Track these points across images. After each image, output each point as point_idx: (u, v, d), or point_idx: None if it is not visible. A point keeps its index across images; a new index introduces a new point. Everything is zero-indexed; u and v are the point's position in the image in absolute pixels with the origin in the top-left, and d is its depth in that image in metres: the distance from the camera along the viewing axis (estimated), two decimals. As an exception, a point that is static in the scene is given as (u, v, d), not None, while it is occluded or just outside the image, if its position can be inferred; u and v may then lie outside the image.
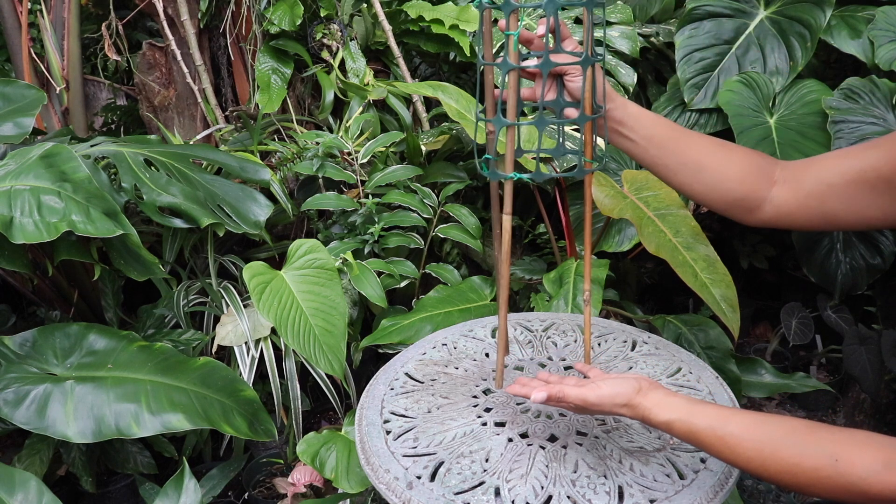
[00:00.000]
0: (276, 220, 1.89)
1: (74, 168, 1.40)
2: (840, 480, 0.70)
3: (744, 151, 0.95)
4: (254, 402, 1.43)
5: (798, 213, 0.92)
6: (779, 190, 0.92)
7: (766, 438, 0.75)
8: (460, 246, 1.87)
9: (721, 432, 0.76)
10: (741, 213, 0.95)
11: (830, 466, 0.71)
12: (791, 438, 0.74)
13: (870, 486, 0.69)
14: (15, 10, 2.14)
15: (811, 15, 1.76)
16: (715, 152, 0.93)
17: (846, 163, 0.88)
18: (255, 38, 2.09)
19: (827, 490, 0.72)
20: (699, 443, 0.78)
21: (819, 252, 1.96)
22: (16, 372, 1.33)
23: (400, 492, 0.83)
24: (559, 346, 1.14)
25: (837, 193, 0.88)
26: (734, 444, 0.76)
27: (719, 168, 0.93)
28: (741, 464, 0.76)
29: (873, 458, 0.70)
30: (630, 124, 0.92)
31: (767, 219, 0.94)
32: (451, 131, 1.90)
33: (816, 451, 0.72)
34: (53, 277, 1.71)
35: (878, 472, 0.69)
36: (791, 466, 0.73)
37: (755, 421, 0.76)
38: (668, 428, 0.79)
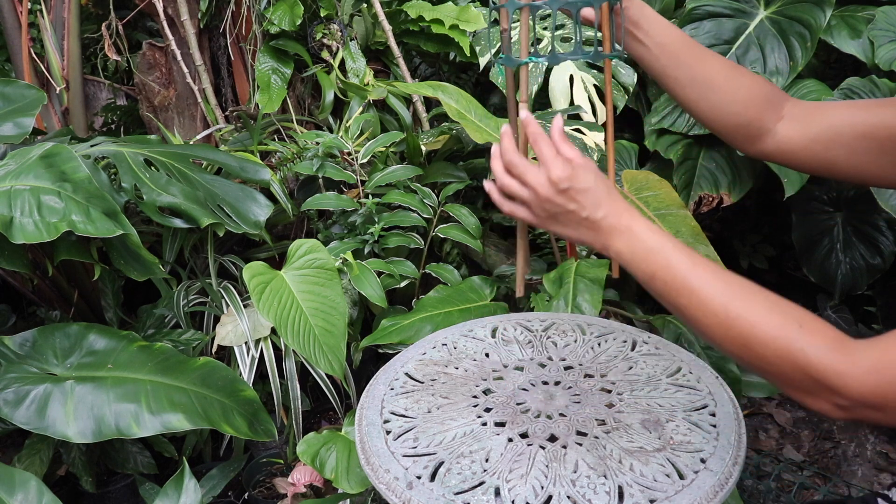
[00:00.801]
0: (276, 220, 1.89)
1: (74, 168, 1.40)
2: (795, 345, 0.69)
3: (755, 78, 0.93)
4: (254, 402, 1.43)
5: (800, 153, 0.91)
6: (785, 126, 0.91)
7: (739, 283, 0.74)
8: (460, 246, 1.87)
9: (695, 257, 0.75)
10: (742, 140, 0.94)
11: (793, 329, 0.70)
12: (765, 294, 0.73)
13: (817, 363, 0.68)
14: (15, 10, 2.14)
15: (811, 15, 1.76)
16: (727, 72, 0.92)
17: (859, 115, 0.87)
18: (255, 38, 2.09)
19: (775, 353, 0.70)
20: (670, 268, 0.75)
21: (819, 252, 1.96)
22: (16, 372, 1.33)
23: (400, 492, 0.83)
24: (559, 346, 1.14)
25: (844, 143, 0.87)
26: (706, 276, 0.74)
27: (729, 88, 0.91)
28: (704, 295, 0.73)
29: (831, 338, 0.69)
30: (645, 27, 0.90)
31: (768, 152, 0.93)
32: (451, 131, 1.90)
33: (785, 312, 0.71)
34: (53, 277, 1.71)
35: (830, 351, 0.68)
36: (754, 316, 0.71)
37: (729, 271, 0.75)
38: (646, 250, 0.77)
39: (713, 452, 0.87)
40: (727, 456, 0.87)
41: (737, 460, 0.87)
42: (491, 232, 2.00)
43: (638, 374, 1.05)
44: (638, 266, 0.78)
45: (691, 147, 1.89)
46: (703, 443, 0.89)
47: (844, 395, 0.67)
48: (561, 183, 0.80)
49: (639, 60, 0.93)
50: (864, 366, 0.67)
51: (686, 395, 0.99)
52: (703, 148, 1.89)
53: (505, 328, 1.19)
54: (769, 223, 2.39)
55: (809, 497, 1.74)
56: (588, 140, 1.75)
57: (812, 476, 1.83)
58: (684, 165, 1.84)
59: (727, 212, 2.16)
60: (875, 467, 1.89)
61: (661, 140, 1.90)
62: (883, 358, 0.67)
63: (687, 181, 1.82)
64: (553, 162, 0.81)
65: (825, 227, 1.99)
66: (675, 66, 0.91)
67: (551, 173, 0.81)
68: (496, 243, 1.96)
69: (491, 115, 1.79)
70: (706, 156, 1.87)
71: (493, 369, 1.07)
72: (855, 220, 1.97)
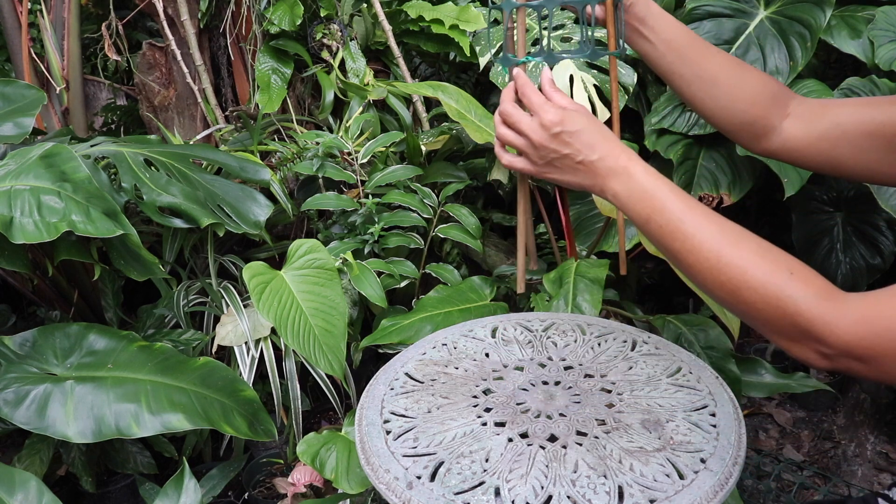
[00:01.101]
0: (276, 220, 1.89)
1: (74, 168, 1.40)
2: (784, 291, 0.69)
3: (761, 75, 0.93)
4: (254, 402, 1.43)
5: (806, 151, 0.90)
6: (791, 123, 0.91)
7: (734, 229, 0.74)
8: (460, 246, 1.87)
9: (691, 201, 0.75)
10: (748, 138, 0.93)
11: (783, 276, 0.69)
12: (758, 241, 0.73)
13: (805, 310, 0.68)
14: (15, 10, 2.14)
15: (811, 15, 1.76)
16: (732, 70, 0.91)
17: (866, 113, 0.86)
18: (255, 38, 2.09)
19: (763, 298, 0.70)
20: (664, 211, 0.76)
21: (819, 252, 1.96)
22: (16, 372, 1.33)
23: (400, 492, 0.83)
24: (559, 345, 1.14)
25: (851, 141, 0.86)
26: (699, 221, 0.74)
27: (734, 86, 0.91)
28: (697, 240, 0.73)
29: (820, 287, 0.69)
30: (651, 24, 0.90)
31: (774, 149, 0.92)
32: (451, 131, 1.90)
33: (776, 259, 0.71)
34: (53, 277, 1.71)
35: (818, 301, 0.68)
36: (745, 262, 0.71)
37: (723, 217, 0.75)
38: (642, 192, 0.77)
39: (713, 452, 0.87)
40: (727, 456, 0.87)
41: (737, 460, 0.87)
42: (491, 232, 2.00)
43: (638, 374, 1.05)
44: (633, 208, 0.78)
45: (691, 147, 1.89)
46: (703, 443, 0.89)
47: (830, 344, 0.67)
48: (553, 127, 0.80)
49: (644, 57, 0.93)
50: (852, 316, 0.66)
51: (686, 395, 0.99)
52: (703, 148, 1.89)
53: (505, 328, 1.19)
54: (769, 223, 2.39)
55: (809, 497, 1.74)
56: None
57: (812, 476, 1.83)
58: (684, 165, 1.84)
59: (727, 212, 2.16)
60: (875, 467, 1.89)
61: (661, 140, 1.90)
62: (872, 309, 0.66)
63: (687, 181, 1.82)
64: (543, 107, 0.81)
65: (825, 227, 1.99)
66: (680, 62, 0.91)
67: (542, 118, 0.81)
68: (496, 243, 1.96)
69: (491, 115, 1.79)
70: (706, 156, 1.87)
71: (493, 369, 1.07)
72: (855, 220, 1.97)
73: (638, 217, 0.78)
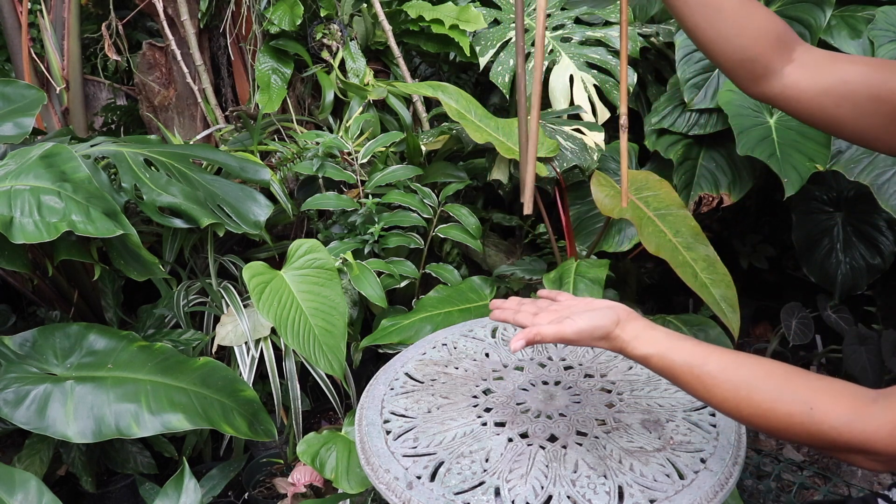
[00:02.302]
0: (276, 220, 1.89)
1: (74, 168, 1.40)
2: (812, 428, 0.70)
3: (768, 14, 0.89)
4: (254, 402, 1.43)
5: (807, 103, 0.86)
6: (794, 70, 0.87)
7: (741, 381, 0.74)
8: (460, 246, 1.87)
9: (698, 371, 0.76)
10: (746, 77, 0.89)
11: (805, 413, 0.71)
12: (767, 382, 0.74)
13: (839, 435, 0.69)
14: (15, 10, 2.14)
15: (811, 15, 1.76)
16: (738, 1, 0.87)
17: (878, 75, 0.82)
18: (255, 38, 2.09)
19: (798, 435, 0.72)
20: (675, 379, 0.78)
21: (819, 252, 1.96)
22: (16, 372, 1.33)
23: (400, 492, 0.83)
24: (559, 346, 1.14)
25: (855, 102, 0.83)
26: (710, 384, 0.75)
27: (739, 18, 0.86)
28: (716, 403, 0.76)
29: (846, 407, 0.70)
30: None
31: (772, 95, 0.88)
32: (451, 131, 1.90)
33: (792, 398, 0.72)
34: (53, 277, 1.71)
35: (850, 422, 0.69)
36: (765, 410, 0.73)
37: (733, 362, 0.76)
38: (645, 361, 0.79)
39: (713, 452, 0.87)
40: (727, 456, 0.87)
41: (737, 460, 0.87)
42: (491, 232, 2.00)
43: (638, 374, 1.05)
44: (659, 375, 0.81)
45: (691, 147, 1.89)
46: (703, 443, 0.89)
47: (877, 456, 0.69)
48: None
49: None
50: (886, 427, 0.68)
51: (686, 395, 0.99)
52: (703, 148, 1.89)
53: (505, 328, 1.19)
54: (769, 223, 2.38)
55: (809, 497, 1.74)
56: (588, 140, 1.75)
57: (812, 476, 1.83)
58: (684, 165, 1.84)
59: (727, 212, 2.16)
60: (875, 467, 1.89)
61: (661, 140, 1.90)
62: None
63: (687, 181, 1.82)
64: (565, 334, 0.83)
65: (825, 227, 1.99)
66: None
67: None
68: (496, 243, 1.96)
69: (491, 115, 1.79)
70: (706, 156, 1.87)
71: (493, 369, 1.07)
72: (855, 220, 1.97)
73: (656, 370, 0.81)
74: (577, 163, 1.70)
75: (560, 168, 1.69)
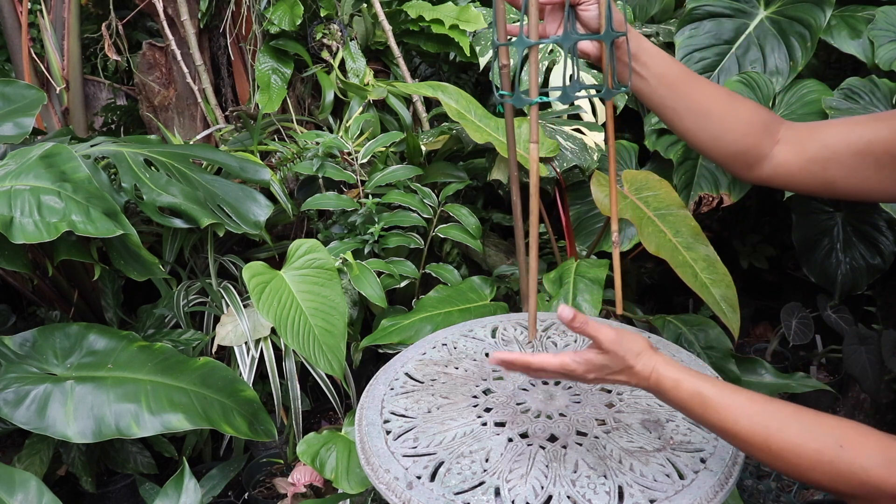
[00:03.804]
0: (276, 220, 1.89)
1: (74, 168, 1.40)
2: (841, 467, 0.70)
3: (751, 105, 0.94)
4: (254, 402, 1.43)
5: (798, 175, 0.91)
6: (781, 149, 0.91)
7: (772, 414, 0.74)
8: (460, 246, 1.87)
9: (729, 400, 0.76)
10: (741, 167, 0.94)
11: (834, 452, 0.70)
12: (797, 418, 0.74)
13: (870, 478, 0.69)
14: (15, 10, 2.14)
15: (811, 15, 1.76)
16: (723, 101, 0.92)
17: (854, 132, 0.87)
18: (255, 38, 2.09)
19: (826, 475, 0.71)
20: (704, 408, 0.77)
21: (819, 252, 1.96)
22: (16, 372, 1.33)
23: (400, 492, 0.83)
24: (559, 346, 1.14)
25: (841, 161, 0.87)
26: (739, 414, 0.75)
27: (725, 118, 0.91)
28: (743, 436, 0.75)
29: (877, 450, 0.70)
30: (643, 59, 0.90)
31: (766, 177, 0.93)
32: (451, 131, 1.90)
33: (822, 436, 0.72)
34: (53, 277, 1.71)
35: (881, 466, 0.69)
36: (794, 446, 0.72)
37: (762, 398, 0.76)
38: (675, 384, 0.78)
39: (713, 452, 0.87)
40: (727, 456, 0.87)
41: (737, 460, 0.87)
42: (491, 232, 2.00)
43: (638, 374, 1.04)
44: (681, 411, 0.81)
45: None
46: (703, 443, 0.89)
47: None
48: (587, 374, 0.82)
49: (636, 92, 0.94)
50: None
51: (686, 395, 0.99)
52: (703, 148, 1.89)
53: (505, 328, 1.19)
54: (769, 223, 2.38)
55: (809, 497, 1.74)
56: (588, 140, 1.75)
57: (812, 476, 1.82)
58: (684, 165, 1.84)
59: (727, 212, 2.16)
60: (875, 467, 1.89)
61: (661, 140, 1.90)
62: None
63: (687, 181, 1.82)
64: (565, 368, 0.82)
65: (825, 227, 1.99)
66: (672, 97, 0.92)
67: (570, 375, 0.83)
68: (496, 243, 1.96)
69: (491, 115, 1.79)
70: (706, 156, 1.87)
71: (493, 369, 1.07)
72: (855, 220, 1.97)
73: (688, 415, 0.80)
74: (577, 163, 1.70)
75: (560, 168, 1.69)
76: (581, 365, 0.80)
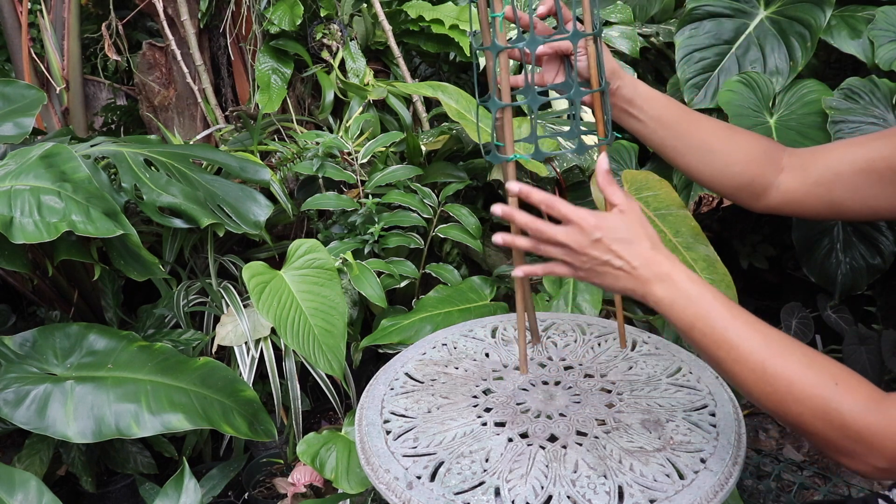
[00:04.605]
0: (276, 220, 1.89)
1: (74, 168, 1.40)
2: (831, 405, 0.69)
3: (751, 136, 0.94)
4: (254, 402, 1.43)
5: (805, 200, 0.91)
6: (786, 177, 0.92)
7: (775, 340, 0.73)
8: (460, 246, 1.87)
9: (736, 308, 0.74)
10: (748, 198, 0.95)
11: (829, 387, 0.70)
12: (800, 349, 0.73)
13: (854, 421, 0.68)
14: (15, 10, 2.14)
15: (811, 15, 1.76)
16: (723, 136, 0.93)
17: (855, 152, 0.88)
18: (255, 38, 2.09)
19: (812, 410, 0.70)
20: (709, 313, 0.75)
21: (819, 252, 1.96)
22: (16, 372, 1.33)
23: (400, 492, 0.83)
24: (559, 346, 1.14)
25: (845, 182, 0.88)
26: (742, 331, 0.73)
27: (727, 152, 0.92)
28: (738, 354, 0.73)
29: (864, 395, 0.69)
30: (639, 104, 0.91)
31: (774, 205, 0.94)
32: (451, 131, 1.90)
33: (821, 369, 0.71)
34: (53, 277, 1.71)
35: (862, 412, 0.68)
36: (792, 374, 0.71)
37: (765, 324, 0.75)
38: (686, 279, 0.76)
39: (713, 452, 0.87)
40: (727, 456, 0.87)
41: (737, 460, 0.87)
42: (491, 232, 2.00)
43: (638, 374, 1.05)
44: (677, 315, 0.78)
45: (691, 147, 1.89)
46: (703, 443, 0.89)
47: (882, 456, 0.67)
48: (594, 232, 0.79)
49: (636, 134, 0.94)
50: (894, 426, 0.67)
51: (686, 395, 0.99)
52: (703, 148, 1.89)
53: (505, 328, 1.19)
54: (769, 223, 2.38)
55: (809, 497, 1.74)
56: (588, 140, 1.75)
57: (812, 476, 1.83)
58: (684, 165, 1.84)
59: (727, 212, 2.16)
60: (875, 467, 1.89)
61: (661, 140, 1.90)
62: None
63: (687, 181, 1.82)
64: (578, 215, 0.80)
65: (825, 227, 1.99)
66: (672, 136, 0.92)
67: (581, 225, 0.80)
68: (496, 243, 1.96)
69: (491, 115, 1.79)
70: (706, 156, 1.87)
71: (493, 369, 1.07)
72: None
73: (681, 323, 0.77)
74: (577, 163, 1.70)
75: (560, 168, 1.69)
76: (594, 216, 0.78)
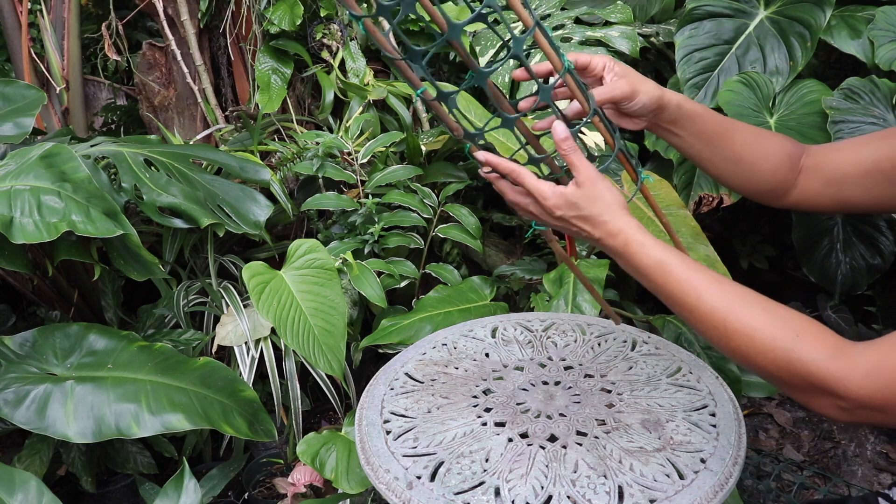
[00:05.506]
0: (276, 220, 1.89)
1: (74, 168, 1.40)
2: (793, 356, 0.71)
3: (779, 143, 0.99)
4: (254, 402, 1.43)
5: (819, 198, 0.97)
6: (803, 178, 0.97)
7: (736, 295, 0.76)
8: (460, 246, 1.87)
9: (691, 274, 0.77)
10: (770, 199, 1.00)
11: (789, 340, 0.72)
12: (760, 304, 0.75)
13: (817, 370, 0.70)
14: (15, 10, 2.14)
15: (811, 15, 1.76)
16: (753, 146, 0.97)
17: (862, 152, 0.92)
18: (255, 38, 2.08)
19: (774, 363, 0.72)
20: (665, 278, 0.78)
21: (819, 252, 1.96)
22: (16, 372, 1.33)
23: (400, 492, 0.83)
24: (559, 345, 1.14)
25: (853, 182, 0.92)
26: (702, 290, 0.76)
27: (756, 162, 0.97)
28: (701, 312, 0.75)
29: (829, 345, 0.71)
30: (682, 123, 0.94)
31: (792, 203, 0.99)
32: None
33: (781, 323, 0.73)
34: (53, 277, 1.71)
35: (829, 358, 0.70)
36: (752, 329, 0.73)
37: (727, 280, 0.78)
38: (640, 248, 0.79)
39: (713, 452, 0.87)
40: (727, 456, 0.87)
41: (737, 460, 0.87)
42: (491, 232, 2.00)
43: (638, 374, 1.05)
44: (643, 279, 0.81)
45: (691, 147, 1.89)
46: (703, 443, 0.89)
47: (845, 399, 0.69)
48: (555, 211, 0.83)
49: (672, 145, 0.98)
50: (862, 369, 0.69)
51: (686, 395, 0.99)
52: (703, 148, 1.89)
53: (505, 328, 1.19)
54: (769, 223, 2.38)
55: (809, 497, 1.74)
56: (588, 140, 1.75)
57: (812, 476, 1.83)
58: (684, 165, 1.84)
59: (727, 212, 2.16)
60: (875, 467, 1.89)
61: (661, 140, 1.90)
62: (882, 361, 0.68)
63: (687, 181, 1.82)
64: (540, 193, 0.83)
65: (825, 227, 1.99)
66: (708, 150, 0.97)
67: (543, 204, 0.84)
68: (496, 243, 1.96)
69: (491, 115, 1.79)
70: (706, 156, 1.87)
71: (493, 369, 1.07)
72: (855, 220, 1.97)
73: (649, 286, 0.81)
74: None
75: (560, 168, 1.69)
76: (554, 196, 0.82)
